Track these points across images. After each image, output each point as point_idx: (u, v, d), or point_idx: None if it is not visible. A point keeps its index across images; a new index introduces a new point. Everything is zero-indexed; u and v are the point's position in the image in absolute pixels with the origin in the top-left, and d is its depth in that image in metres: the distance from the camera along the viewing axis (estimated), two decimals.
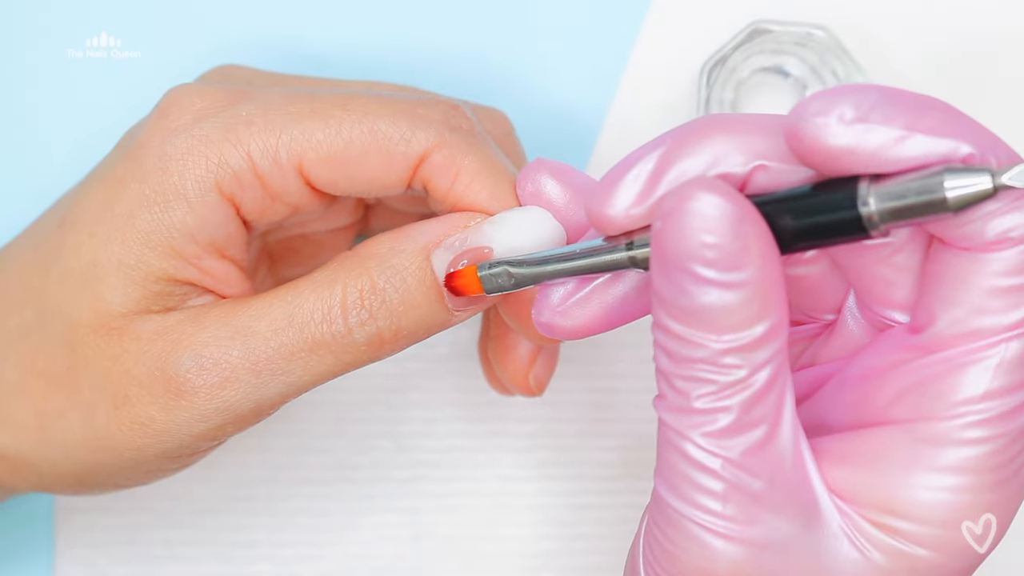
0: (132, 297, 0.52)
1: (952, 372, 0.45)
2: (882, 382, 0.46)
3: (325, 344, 0.52)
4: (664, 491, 0.45)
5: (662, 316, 0.44)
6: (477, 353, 0.65)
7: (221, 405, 0.52)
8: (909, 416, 0.45)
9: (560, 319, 0.50)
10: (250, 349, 0.51)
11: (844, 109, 0.43)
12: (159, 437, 0.52)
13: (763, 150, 0.46)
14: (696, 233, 0.43)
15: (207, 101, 0.52)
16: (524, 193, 0.52)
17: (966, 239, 0.44)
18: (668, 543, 0.46)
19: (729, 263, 0.43)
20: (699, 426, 0.44)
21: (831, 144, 0.44)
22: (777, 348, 0.44)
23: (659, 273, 0.44)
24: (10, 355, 0.54)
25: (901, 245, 0.47)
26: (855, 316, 0.50)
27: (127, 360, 0.52)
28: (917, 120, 0.43)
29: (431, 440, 0.67)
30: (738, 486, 0.44)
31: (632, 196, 0.47)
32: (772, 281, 0.43)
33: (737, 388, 0.44)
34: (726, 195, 0.43)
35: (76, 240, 0.53)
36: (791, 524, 0.45)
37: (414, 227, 0.53)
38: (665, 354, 0.45)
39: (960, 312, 0.45)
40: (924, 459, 0.45)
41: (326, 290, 0.52)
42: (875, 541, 0.45)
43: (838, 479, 0.46)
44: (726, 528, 0.45)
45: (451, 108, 0.53)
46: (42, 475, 0.55)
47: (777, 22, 0.65)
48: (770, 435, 0.44)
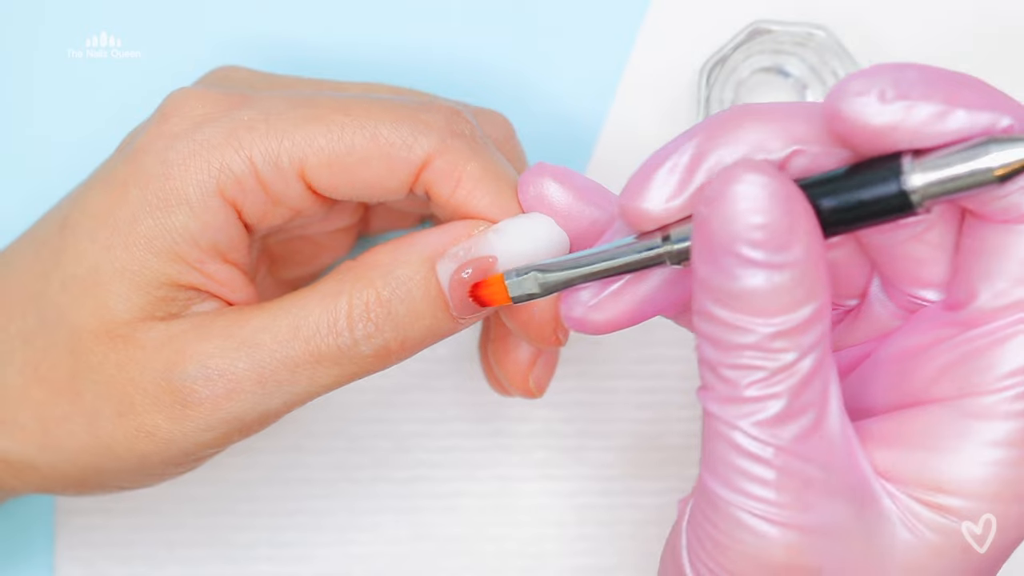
0: (136, 303, 0.52)
1: (996, 345, 0.45)
2: (922, 361, 0.46)
3: (331, 356, 0.52)
4: (713, 482, 0.45)
5: (707, 304, 0.44)
6: (477, 354, 0.65)
7: (227, 416, 0.52)
8: (954, 393, 0.45)
9: (593, 314, 0.50)
10: (256, 361, 0.51)
11: (885, 87, 0.44)
12: (164, 445, 0.52)
13: (799, 135, 0.46)
14: (744, 215, 0.43)
15: (208, 105, 0.52)
16: (526, 197, 0.52)
17: (1004, 212, 0.44)
18: (719, 533, 0.45)
19: (778, 243, 0.43)
20: (749, 415, 0.44)
21: (874, 123, 0.44)
22: (823, 331, 0.44)
23: (704, 259, 0.44)
24: (13, 360, 0.54)
25: (933, 223, 0.47)
26: (881, 300, 0.50)
27: (132, 368, 0.52)
28: (956, 95, 0.44)
29: (431, 440, 0.67)
30: (791, 473, 0.44)
31: (670, 188, 0.47)
32: (819, 262, 0.44)
33: (786, 374, 0.44)
34: (773, 175, 0.43)
35: (78, 245, 0.53)
36: (844, 509, 0.45)
37: (417, 237, 0.53)
38: (711, 343, 0.44)
39: (1002, 284, 0.45)
40: (972, 434, 0.45)
41: (331, 302, 0.52)
42: (927, 521, 0.45)
43: (884, 460, 0.46)
44: (780, 516, 0.44)
45: (453, 113, 0.53)
46: (45, 478, 0.55)
47: (777, 22, 0.65)
48: (819, 420, 0.44)
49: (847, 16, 0.66)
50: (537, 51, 0.66)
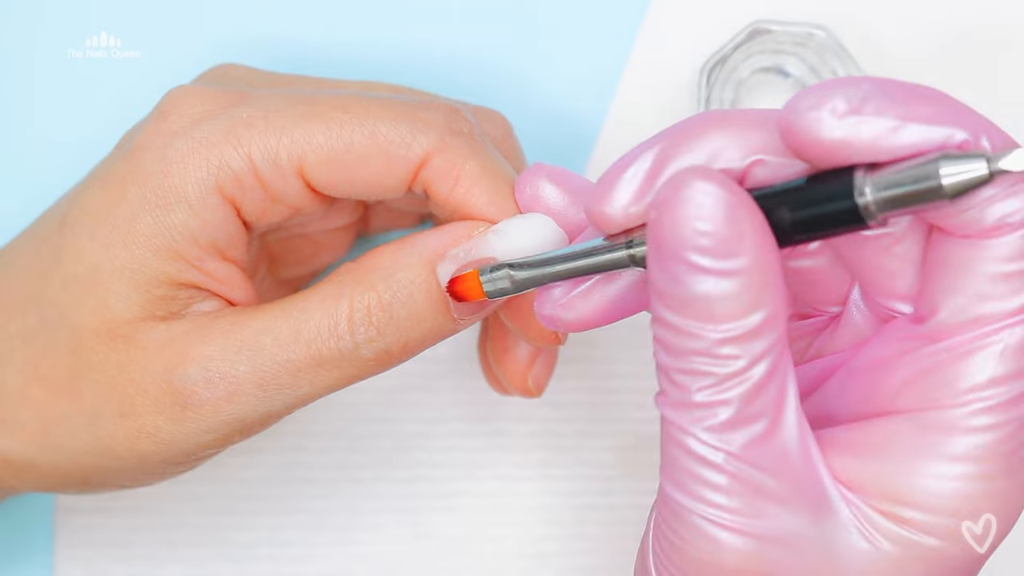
0: (136, 302, 0.52)
1: (957, 360, 0.45)
2: (887, 372, 0.46)
3: (332, 360, 0.52)
4: (669, 487, 0.45)
5: (659, 308, 0.44)
6: (476, 354, 0.65)
7: (228, 418, 0.52)
8: (916, 405, 0.45)
9: (563, 312, 0.50)
10: (256, 364, 0.51)
11: (836, 102, 0.44)
12: (165, 445, 0.52)
13: (760, 145, 0.46)
14: (690, 221, 0.43)
15: (207, 103, 0.52)
16: (523, 197, 0.52)
17: (965, 227, 0.44)
18: (676, 538, 0.45)
19: (724, 250, 0.43)
20: (700, 420, 0.44)
21: (825, 138, 0.44)
22: (775, 339, 0.44)
23: (655, 265, 0.44)
24: (12, 359, 0.54)
25: (901, 235, 0.47)
26: (860, 308, 0.50)
27: (133, 369, 0.52)
28: (910, 109, 0.43)
29: (431, 440, 0.67)
30: (742, 479, 0.44)
31: (630, 194, 0.47)
32: (768, 270, 0.43)
33: (736, 380, 0.44)
34: (720, 183, 0.43)
35: (78, 244, 0.53)
36: (799, 516, 0.45)
37: (418, 238, 0.53)
38: (663, 348, 0.45)
39: (962, 300, 0.45)
40: (932, 448, 0.45)
41: (332, 305, 0.52)
42: (885, 531, 0.45)
43: (845, 469, 0.46)
44: (732, 521, 0.45)
45: (452, 112, 0.53)
46: (45, 476, 0.55)
47: (777, 22, 0.65)
48: (772, 427, 0.44)
49: (847, 16, 0.66)
50: (537, 50, 0.66)
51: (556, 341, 0.55)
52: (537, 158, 0.64)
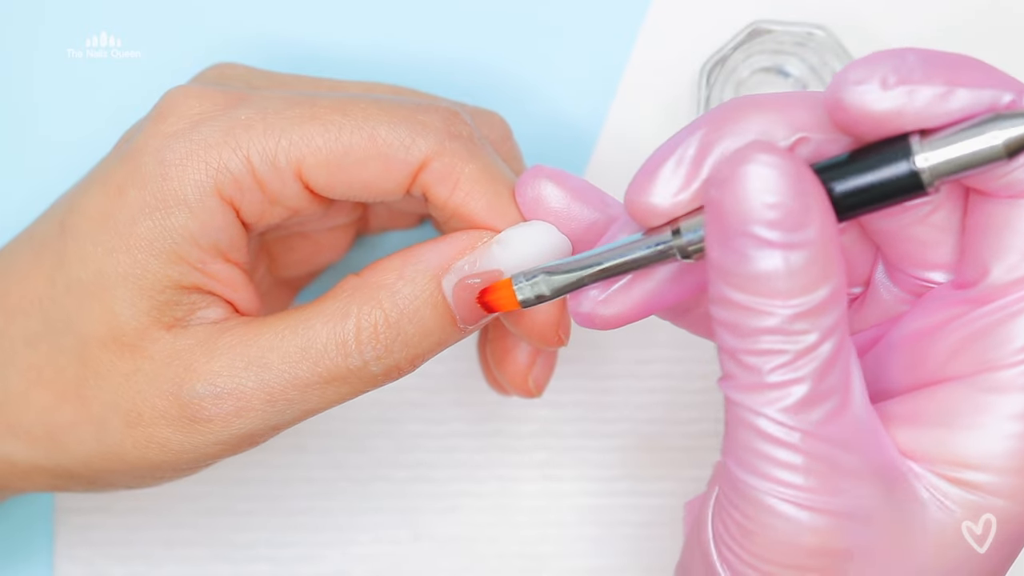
0: (141, 308, 0.52)
1: (1011, 319, 0.45)
2: (936, 339, 0.46)
3: (341, 377, 0.52)
4: (739, 470, 0.45)
5: (723, 289, 0.44)
6: (476, 354, 0.65)
7: (237, 432, 0.52)
8: (971, 369, 0.46)
9: (602, 308, 0.50)
10: (264, 380, 0.52)
11: (885, 74, 0.44)
12: (175, 455, 0.53)
13: (803, 123, 0.46)
14: (757, 194, 0.43)
15: (205, 104, 0.52)
16: (523, 200, 0.52)
17: (1009, 187, 0.45)
18: (747, 521, 0.45)
19: (792, 223, 0.43)
20: (774, 402, 0.44)
21: (876, 109, 0.44)
22: (841, 313, 0.44)
23: (718, 243, 0.44)
24: (15, 363, 0.54)
25: (939, 204, 0.47)
26: (886, 285, 0.50)
27: (140, 380, 0.52)
28: (957, 75, 0.44)
29: (431, 440, 0.67)
30: (819, 457, 0.44)
31: (678, 181, 0.46)
32: (833, 241, 0.43)
33: (809, 357, 0.44)
34: (783, 155, 0.43)
35: (80, 249, 0.53)
36: (873, 491, 0.45)
37: (422, 251, 0.53)
38: (729, 330, 0.44)
39: (1013, 259, 0.45)
40: (992, 409, 0.45)
41: (339, 323, 0.52)
42: (954, 498, 0.45)
43: (907, 440, 0.46)
44: (810, 500, 0.44)
45: (451, 115, 0.53)
46: (55, 477, 0.55)
47: (777, 22, 0.65)
48: (844, 403, 0.44)
49: (847, 16, 0.66)
50: (537, 51, 0.66)
51: (559, 343, 0.55)
52: (537, 159, 0.64)
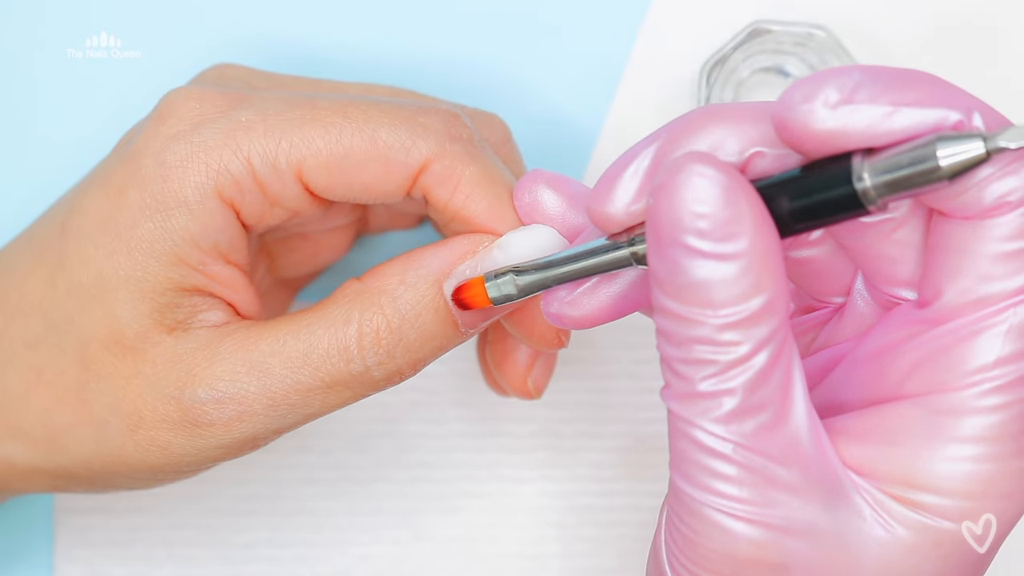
0: (143, 311, 0.52)
1: (963, 341, 0.45)
2: (893, 357, 0.46)
3: (343, 382, 0.52)
4: (679, 480, 0.45)
5: (660, 298, 0.44)
6: (475, 355, 0.65)
7: (239, 436, 0.52)
8: (924, 389, 0.45)
9: (569, 309, 0.50)
10: (266, 386, 0.52)
11: (828, 93, 0.44)
12: (177, 458, 0.53)
13: (758, 137, 0.46)
14: (687, 204, 0.43)
15: (206, 106, 0.52)
16: (521, 204, 0.53)
17: (965, 208, 0.44)
18: (689, 531, 0.45)
19: (722, 233, 0.43)
20: (706, 412, 0.44)
21: (819, 129, 0.44)
22: (776, 325, 0.44)
23: (654, 252, 0.44)
24: (14, 364, 0.54)
25: (902, 221, 0.47)
26: (864, 297, 0.50)
27: (141, 383, 0.52)
28: (903, 94, 0.43)
29: (431, 440, 0.67)
30: (752, 469, 0.44)
31: (631, 192, 0.47)
32: (768, 254, 0.43)
33: (740, 368, 0.44)
34: (717, 166, 0.43)
35: (81, 251, 0.53)
36: (812, 505, 0.45)
37: (422, 256, 0.53)
38: (666, 339, 0.44)
39: (966, 281, 0.45)
40: (943, 430, 0.45)
41: (341, 329, 0.52)
42: (899, 517, 0.45)
43: (856, 456, 0.46)
44: (744, 511, 0.44)
45: (451, 117, 0.53)
46: (55, 478, 0.55)
47: (777, 22, 0.65)
48: (780, 416, 0.44)
49: (847, 16, 0.66)
50: (537, 51, 0.66)
51: (559, 345, 0.55)
52: (537, 159, 0.64)
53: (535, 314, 0.54)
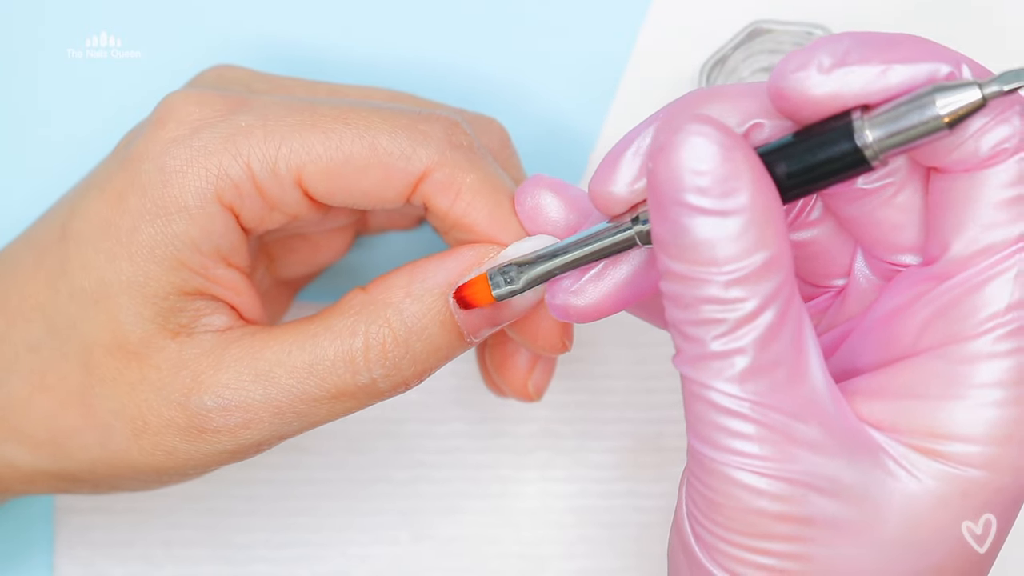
0: (145, 316, 0.52)
1: (973, 291, 0.45)
2: (904, 318, 0.47)
3: (349, 393, 0.52)
4: (698, 444, 0.45)
5: (665, 261, 0.44)
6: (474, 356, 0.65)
7: (244, 442, 0.52)
8: (938, 342, 0.46)
9: (574, 298, 0.50)
10: (272, 394, 0.52)
11: (821, 58, 0.44)
12: (182, 463, 0.53)
13: (756, 110, 0.47)
14: (687, 162, 0.43)
15: (205, 109, 0.52)
16: (523, 209, 0.53)
17: (963, 161, 0.45)
18: (712, 494, 0.45)
19: (723, 189, 0.43)
20: (719, 372, 0.44)
21: (815, 94, 0.44)
22: (781, 281, 0.44)
23: (657, 216, 0.44)
24: (17, 368, 0.54)
25: (901, 184, 0.47)
26: (865, 275, 0.50)
27: (146, 389, 0.52)
28: (893, 52, 0.44)
29: (431, 440, 0.67)
30: (771, 426, 0.44)
31: (634, 169, 0.48)
32: (768, 209, 0.44)
33: (749, 325, 0.44)
34: (713, 124, 0.44)
35: (82, 256, 0.53)
36: (835, 460, 0.45)
37: (428, 267, 0.53)
38: (673, 303, 0.45)
39: (971, 232, 0.45)
40: (962, 379, 0.45)
41: (347, 341, 0.52)
42: (924, 468, 0.45)
43: (875, 412, 0.46)
44: (767, 468, 0.44)
45: (452, 124, 0.53)
46: (58, 480, 0.55)
47: (777, 22, 0.65)
48: (794, 373, 0.44)
49: (847, 16, 0.66)
50: (536, 52, 0.66)
51: (563, 349, 0.55)
52: (536, 160, 0.64)
53: (538, 318, 0.54)
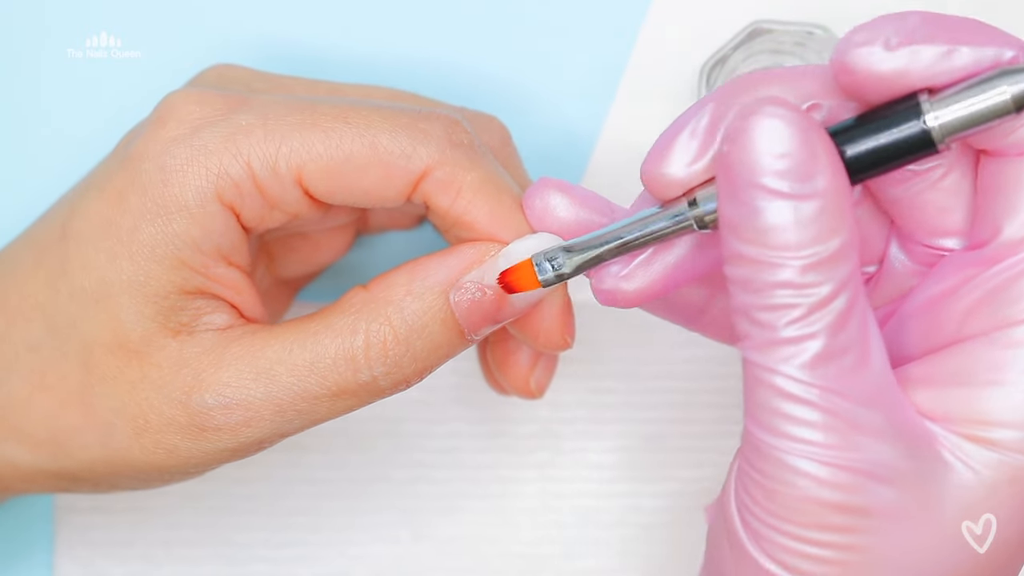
0: (146, 315, 0.52)
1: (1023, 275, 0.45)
2: (949, 303, 0.47)
3: (350, 391, 0.52)
4: (759, 431, 0.45)
5: (736, 245, 0.44)
6: (475, 354, 0.65)
7: (245, 440, 0.52)
8: (988, 327, 0.46)
9: (624, 283, 0.50)
10: (273, 392, 0.52)
11: (888, 34, 0.44)
12: (183, 461, 0.53)
13: (813, 90, 0.46)
14: (767, 145, 0.43)
15: (205, 108, 0.52)
16: (532, 210, 0.52)
17: (1019, 144, 0.45)
18: (768, 481, 0.45)
19: (802, 172, 0.43)
20: (789, 358, 0.44)
21: (881, 70, 0.44)
22: (853, 267, 0.44)
23: (729, 198, 0.44)
24: (17, 368, 0.54)
25: (950, 167, 0.47)
26: (900, 260, 0.50)
27: (147, 387, 0.52)
28: (958, 34, 0.44)
29: (431, 440, 0.67)
30: (837, 414, 0.44)
31: (692, 151, 0.47)
32: (842, 193, 0.44)
33: (823, 311, 0.44)
34: (790, 107, 0.43)
35: (82, 256, 0.53)
36: (895, 449, 0.45)
37: (429, 265, 0.53)
38: (743, 288, 0.44)
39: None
40: (1012, 364, 0.45)
41: (348, 339, 0.52)
42: (977, 457, 0.45)
43: (926, 401, 0.46)
44: (830, 456, 0.44)
45: (452, 123, 0.53)
46: (57, 480, 0.55)
47: (777, 22, 0.65)
48: (862, 360, 0.44)
49: (847, 16, 0.66)
50: (536, 52, 0.66)
51: (565, 346, 0.55)
52: (537, 161, 0.64)
53: (540, 316, 0.54)
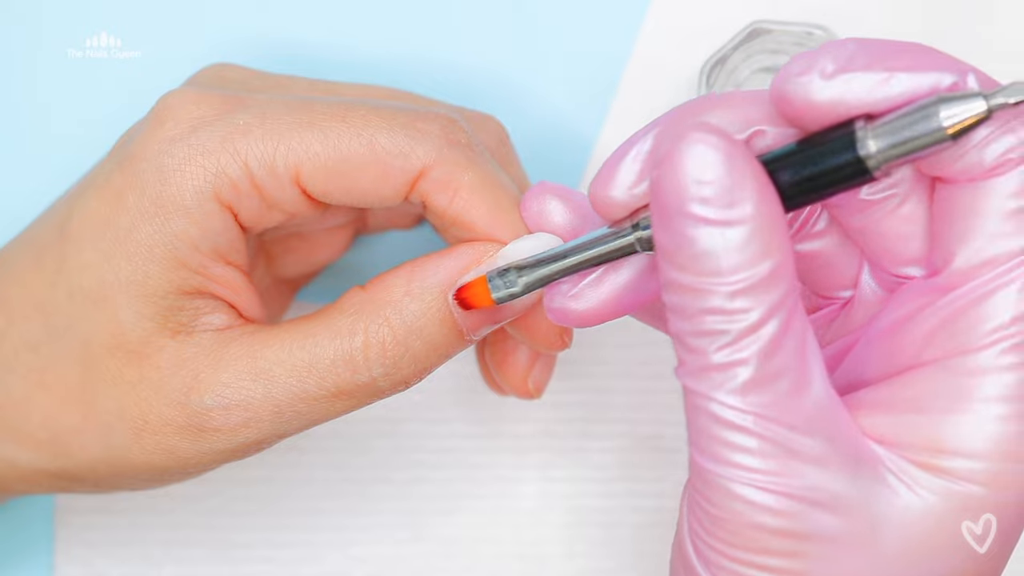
0: (145, 315, 0.52)
1: (978, 303, 0.45)
2: (908, 329, 0.46)
3: (348, 392, 0.52)
4: (700, 457, 0.45)
5: (668, 271, 0.44)
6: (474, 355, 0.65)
7: (244, 441, 0.52)
8: (942, 354, 0.45)
9: (573, 303, 0.50)
10: (271, 393, 0.52)
11: (824, 63, 0.44)
12: (182, 462, 0.53)
13: (758, 117, 0.46)
14: (691, 172, 0.43)
15: (203, 108, 0.52)
16: (530, 214, 0.53)
17: (967, 171, 0.45)
18: (713, 509, 0.45)
19: (727, 199, 0.43)
20: (721, 384, 0.44)
21: (818, 99, 0.44)
22: (785, 291, 0.44)
23: (660, 225, 0.44)
24: (16, 367, 0.54)
25: (906, 195, 0.47)
26: (872, 287, 0.50)
27: (146, 388, 0.52)
28: (897, 61, 0.44)
29: (431, 440, 0.67)
30: (774, 440, 0.44)
31: (634, 174, 0.47)
32: (772, 219, 0.43)
33: (752, 337, 0.43)
34: (718, 134, 0.43)
35: (81, 256, 0.53)
36: (837, 475, 0.44)
37: (427, 266, 0.53)
38: (676, 314, 0.44)
39: (976, 243, 0.45)
40: (965, 392, 0.45)
41: (346, 340, 0.52)
42: (925, 484, 0.45)
43: (877, 426, 0.46)
44: (770, 483, 0.44)
45: (450, 122, 0.53)
46: (57, 480, 0.55)
47: (777, 22, 0.65)
48: (798, 386, 0.44)
49: (847, 16, 0.66)
50: (536, 52, 0.66)
51: (562, 346, 0.55)
52: (536, 160, 0.64)
53: (538, 316, 0.54)
